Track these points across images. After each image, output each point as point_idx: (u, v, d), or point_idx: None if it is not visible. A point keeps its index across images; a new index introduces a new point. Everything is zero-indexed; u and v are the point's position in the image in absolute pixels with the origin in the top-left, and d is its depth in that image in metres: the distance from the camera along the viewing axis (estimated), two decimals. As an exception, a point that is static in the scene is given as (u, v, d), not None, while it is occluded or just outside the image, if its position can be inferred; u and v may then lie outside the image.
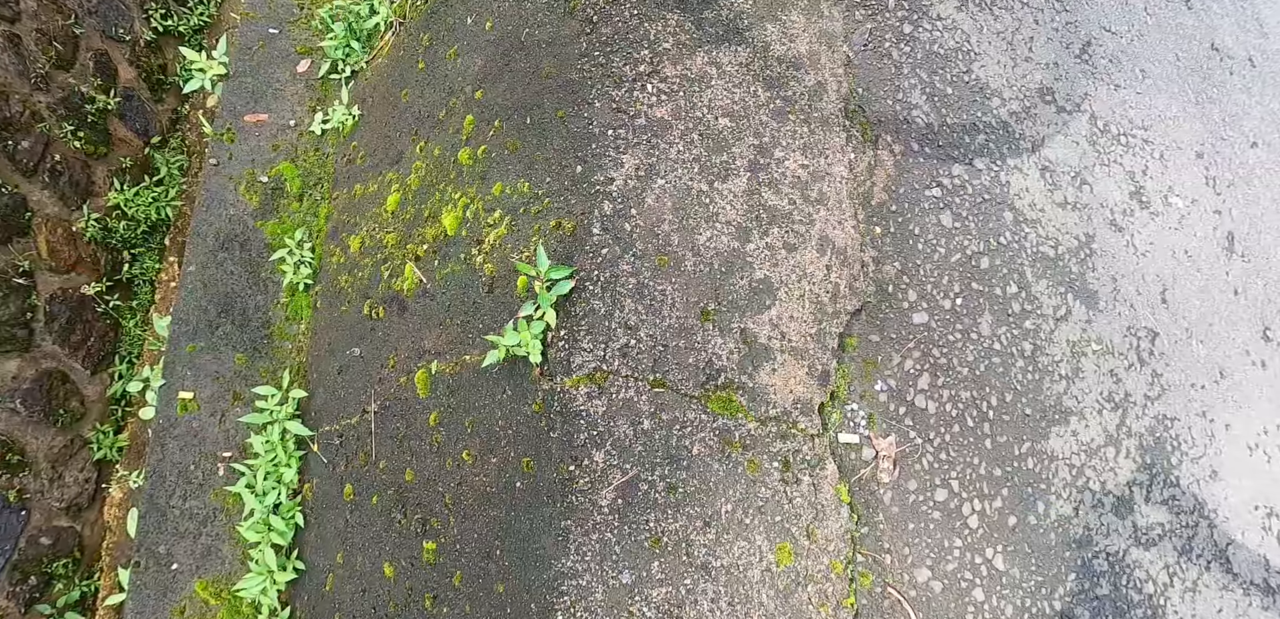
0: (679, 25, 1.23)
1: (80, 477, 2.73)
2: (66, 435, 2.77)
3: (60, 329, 2.85)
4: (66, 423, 2.74)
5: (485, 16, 1.47)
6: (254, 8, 2.11)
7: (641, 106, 1.17)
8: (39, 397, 2.62)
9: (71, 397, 2.82)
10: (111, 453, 2.84)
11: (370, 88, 1.85)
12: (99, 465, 2.75)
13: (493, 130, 1.34)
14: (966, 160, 1.31)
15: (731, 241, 1.12)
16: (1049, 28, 1.52)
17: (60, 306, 2.84)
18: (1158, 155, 1.54)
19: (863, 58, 1.32)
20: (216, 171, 1.95)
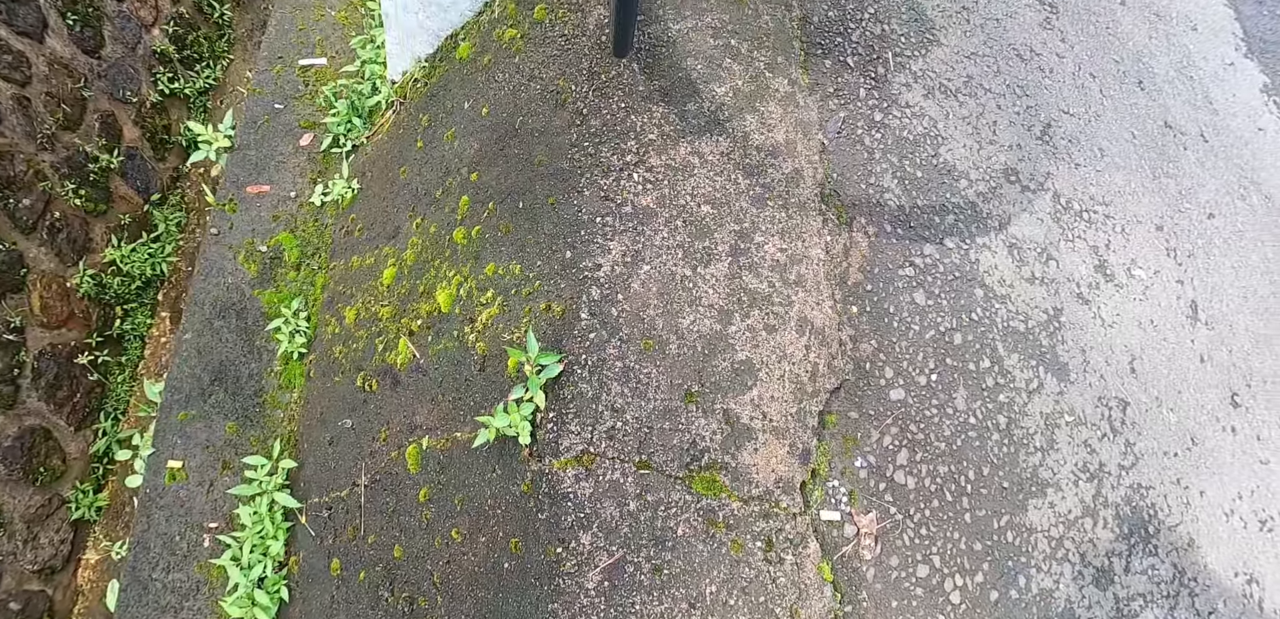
0: (664, 118, 1.31)
1: (56, 538, 2.69)
2: (45, 494, 2.74)
3: (47, 386, 2.84)
4: (46, 481, 2.71)
5: (482, 103, 1.55)
6: (261, 84, 2.20)
7: (628, 195, 1.23)
8: (20, 454, 2.60)
9: (53, 454, 2.80)
10: (90, 513, 2.80)
11: (370, 162, 1.93)
12: (76, 526, 2.71)
13: (487, 212, 1.40)
14: (937, 240, 1.38)
15: (714, 324, 1.17)
16: (1011, 112, 1.63)
17: (48, 362, 2.84)
18: (1119, 229, 1.62)
19: (837, 144, 1.41)
20: (217, 241, 2.00)
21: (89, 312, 3.07)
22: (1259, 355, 1.68)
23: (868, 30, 1.58)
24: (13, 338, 2.66)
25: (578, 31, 1.43)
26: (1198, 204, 1.79)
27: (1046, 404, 1.35)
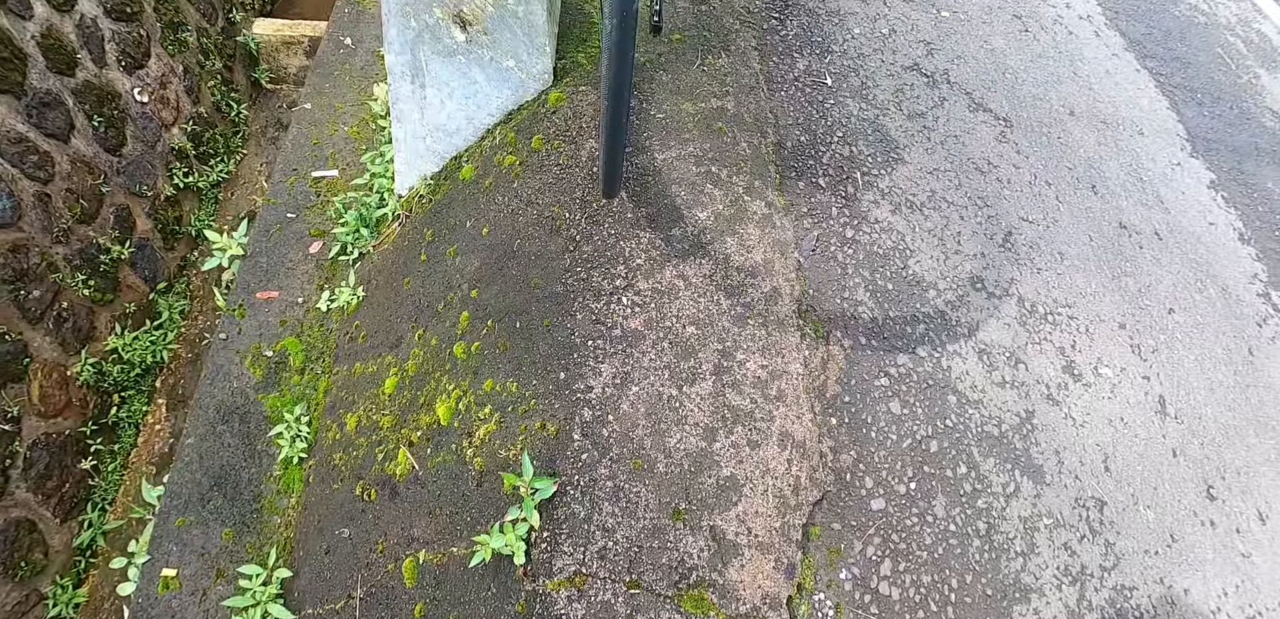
0: (650, 243, 1.42)
1: (30, 638, 2.62)
2: (23, 590, 2.69)
3: (37, 476, 2.84)
4: (26, 576, 2.66)
5: (483, 223, 1.67)
6: (276, 194, 2.34)
7: (618, 318, 1.33)
8: (2, 548, 2.56)
9: (36, 547, 2.76)
10: (67, 610, 2.74)
11: (375, 271, 2.04)
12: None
13: (486, 328, 1.49)
14: (910, 350, 1.46)
15: (700, 442, 1.23)
16: (973, 222, 1.75)
17: (41, 452, 2.85)
18: (1084, 330, 1.72)
19: (812, 262, 1.52)
20: (225, 345, 2.07)
21: (86, 399, 3.10)
22: (1230, 447, 1.74)
23: (837, 152, 1.73)
24: (8, 428, 2.68)
25: (571, 162, 1.57)
26: (1157, 300, 1.90)
27: (1024, 508, 1.40)
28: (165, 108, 3.78)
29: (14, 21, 2.81)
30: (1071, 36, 2.53)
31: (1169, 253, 2.02)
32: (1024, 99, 2.15)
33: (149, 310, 3.50)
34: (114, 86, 3.39)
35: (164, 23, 3.77)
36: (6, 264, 2.73)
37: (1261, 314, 2.04)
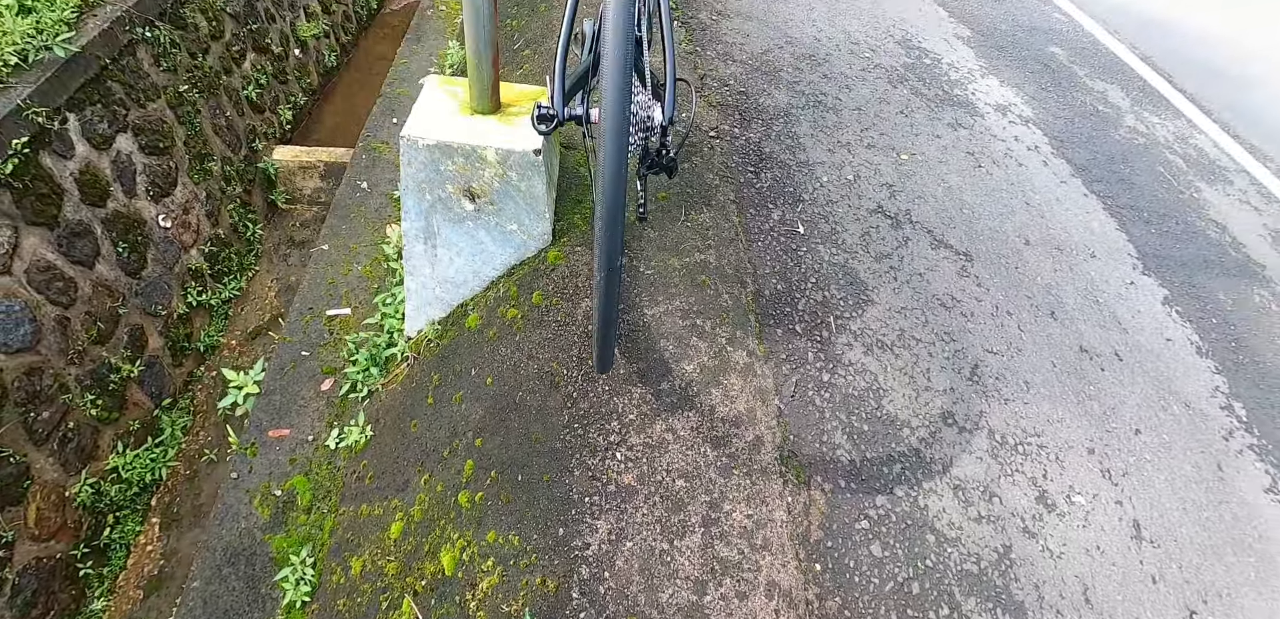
0: (642, 398, 1.55)
1: None
2: None
3: (22, 604, 2.80)
4: None
5: (487, 372, 1.80)
6: (291, 332, 2.50)
7: (613, 474, 1.43)
8: None
9: (16, 685, 2.67)
10: None
11: (384, 410, 2.15)
12: None
13: (489, 479, 1.59)
14: (887, 490, 1.56)
15: (691, 596, 1.30)
16: (941, 357, 1.90)
17: (29, 577, 2.82)
18: (1054, 458, 1.82)
19: (792, 408, 1.64)
20: (235, 485, 2.15)
21: (81, 521, 3.09)
22: (1210, 568, 1.80)
23: (811, 297, 1.90)
24: (1, 553, 2.67)
25: (568, 320, 1.72)
26: (1124, 422, 2.01)
27: (1008, 648, 1.44)
28: (186, 231, 3.96)
29: (56, 160, 3.01)
30: (1021, 168, 2.79)
31: (1130, 373, 2.16)
32: (982, 232, 2.36)
33: (151, 427, 3.54)
34: (141, 214, 3.56)
35: (192, 154, 4.03)
36: (21, 387, 2.80)
37: (1226, 427, 2.15)
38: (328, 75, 5.89)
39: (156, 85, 3.68)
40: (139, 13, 3.45)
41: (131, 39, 3.42)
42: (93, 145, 3.18)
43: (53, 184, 2.91)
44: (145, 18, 3.53)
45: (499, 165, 1.79)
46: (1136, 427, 2.02)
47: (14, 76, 2.75)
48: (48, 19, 2.94)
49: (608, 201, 1.04)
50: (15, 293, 2.75)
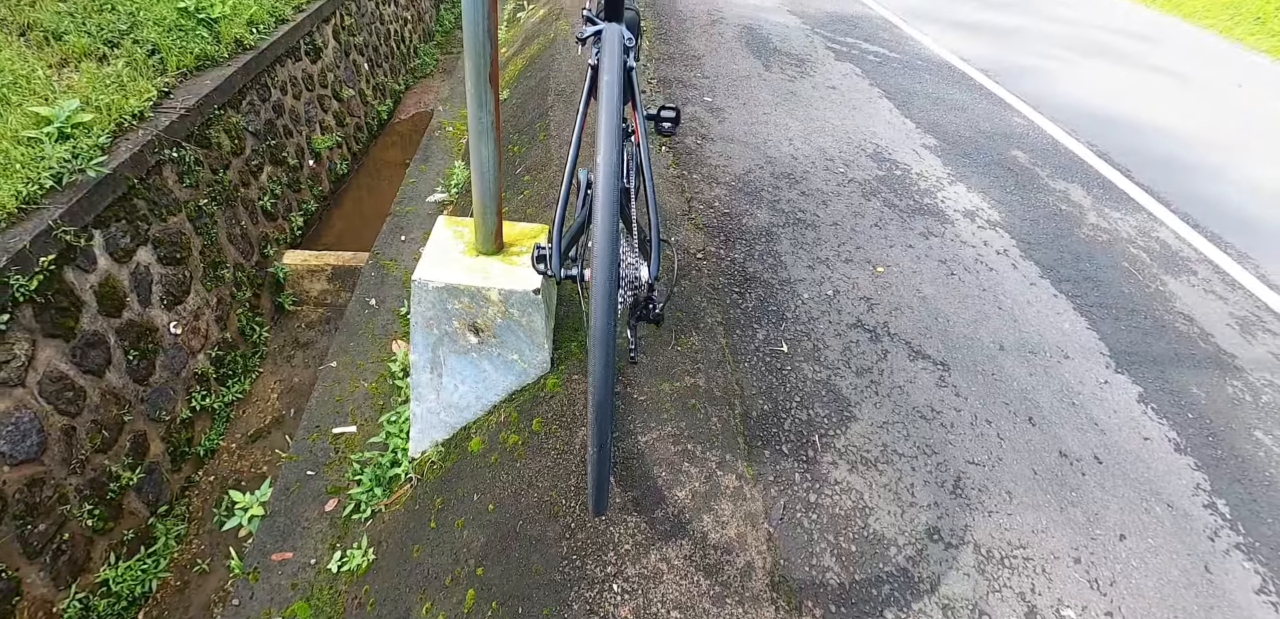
0: (636, 527, 1.62)
1: None
2: None
3: None
4: None
5: (488, 499, 1.88)
6: (298, 451, 2.58)
7: (609, 607, 1.48)
8: None
9: None
10: None
11: (386, 531, 2.20)
12: None
13: (490, 610, 1.63)
14: (877, 613, 1.60)
15: (688, 738, 1.33)
16: (924, 471, 1.98)
17: None
18: (1041, 570, 1.87)
19: (781, 531, 1.71)
20: (237, 612, 2.16)
21: None
22: (1207, 679, 1.81)
23: (797, 416, 2.00)
24: None
25: (566, 447, 1.82)
26: (1108, 528, 2.07)
27: None
28: (195, 337, 3.98)
29: (78, 275, 3.07)
30: (992, 273, 2.97)
31: (1111, 476, 2.23)
32: (957, 340, 2.50)
33: (145, 535, 3.46)
34: (153, 323, 3.60)
35: (206, 263, 4.13)
36: (20, 499, 2.76)
37: (1211, 527, 2.20)
38: (338, 181, 6.20)
39: (179, 200, 3.83)
40: (168, 136, 3.67)
41: (159, 160, 3.60)
42: (114, 258, 3.29)
43: (73, 297, 3.00)
44: (174, 140, 3.74)
45: (501, 303, 1.94)
46: (1121, 531, 2.07)
47: (47, 197, 2.90)
48: (84, 144, 3.13)
49: (597, 373, 1.15)
50: (26, 404, 2.80)
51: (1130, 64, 7.42)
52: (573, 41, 4.86)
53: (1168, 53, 8.48)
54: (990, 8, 8.67)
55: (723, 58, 4.95)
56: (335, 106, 6.30)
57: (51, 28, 3.68)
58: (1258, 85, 8.21)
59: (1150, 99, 6.26)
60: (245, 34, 4.70)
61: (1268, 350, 2.95)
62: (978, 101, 5.03)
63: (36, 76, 3.32)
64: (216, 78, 4.22)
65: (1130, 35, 9.11)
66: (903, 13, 7.16)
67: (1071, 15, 9.44)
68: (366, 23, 7.22)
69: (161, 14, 4.18)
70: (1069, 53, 7.20)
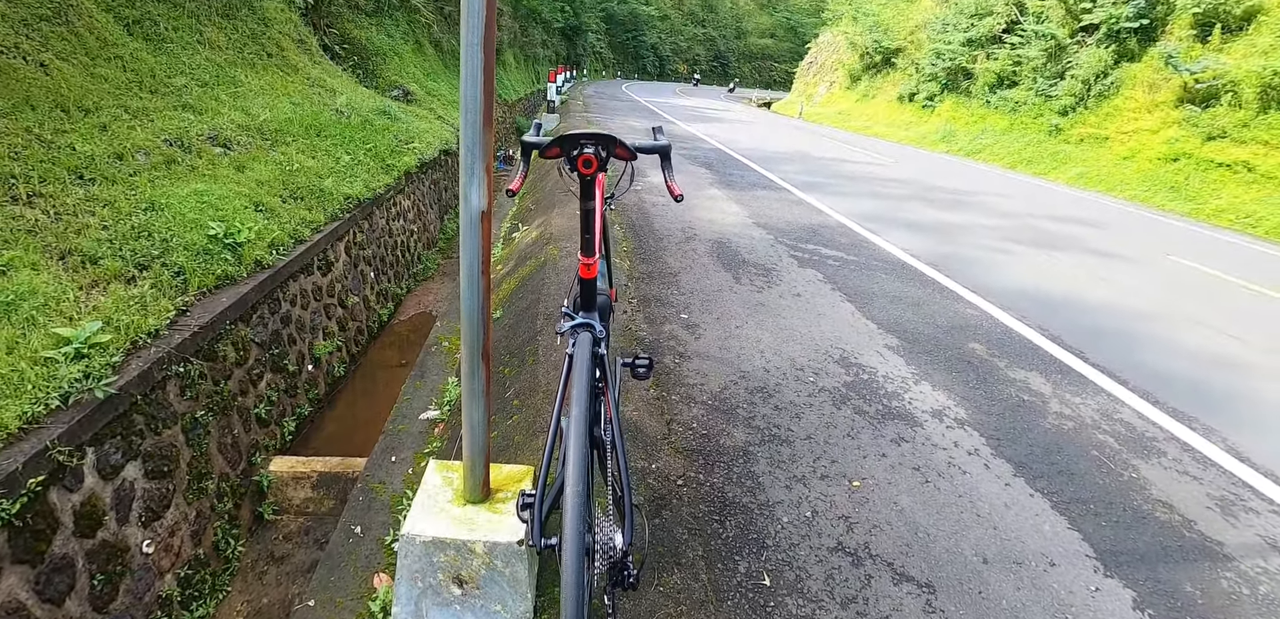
0: None
1: None
2: None
3: None
4: None
5: None
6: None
7: None
8: None
9: None
10: None
11: None
12: None
13: None
14: None
15: None
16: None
17: None
18: None
19: None
20: None
21: None
22: None
23: (783, 662, 1.96)
24: None
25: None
26: None
27: None
28: (167, 555, 3.66)
29: (62, 495, 2.88)
30: (966, 476, 3.07)
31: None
32: (940, 557, 2.52)
33: None
34: (127, 541, 3.33)
35: (192, 475, 3.91)
36: None
37: None
38: (335, 383, 6.35)
39: (176, 413, 3.78)
40: (178, 352, 3.74)
41: (165, 375, 3.62)
42: (102, 476, 3.15)
43: (52, 519, 2.84)
44: (183, 355, 3.81)
45: (486, 555, 2.01)
46: None
47: (50, 416, 2.86)
48: (97, 364, 3.17)
49: None
50: (-28, 641, 2.51)
51: (1068, 247, 8.23)
52: (562, 264, 5.44)
53: (1101, 233, 9.45)
54: (936, 206, 9.81)
55: (697, 273, 5.51)
56: (340, 313, 6.69)
57: (90, 252, 3.94)
58: (1184, 251, 9.05)
59: (1092, 278, 6.87)
60: (265, 255, 5.05)
61: (1254, 534, 2.96)
62: (932, 297, 5.52)
63: (67, 298, 3.47)
64: (233, 296, 4.44)
65: (1065, 219, 10.21)
66: (858, 218, 8.09)
67: (1011, 208, 10.64)
68: (376, 237, 7.96)
69: (192, 239, 4.53)
70: (1012, 243, 8.02)
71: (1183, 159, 15.57)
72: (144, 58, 6.60)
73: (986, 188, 12.78)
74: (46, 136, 4.72)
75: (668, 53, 70.47)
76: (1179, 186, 15.01)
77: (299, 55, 9.93)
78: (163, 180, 5.16)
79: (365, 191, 7.40)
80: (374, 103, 10.52)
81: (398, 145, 9.46)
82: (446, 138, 11.72)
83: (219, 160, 6.01)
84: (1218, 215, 13.66)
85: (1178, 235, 10.50)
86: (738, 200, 8.41)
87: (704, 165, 10.95)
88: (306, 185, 6.49)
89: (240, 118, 7.03)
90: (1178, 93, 16.51)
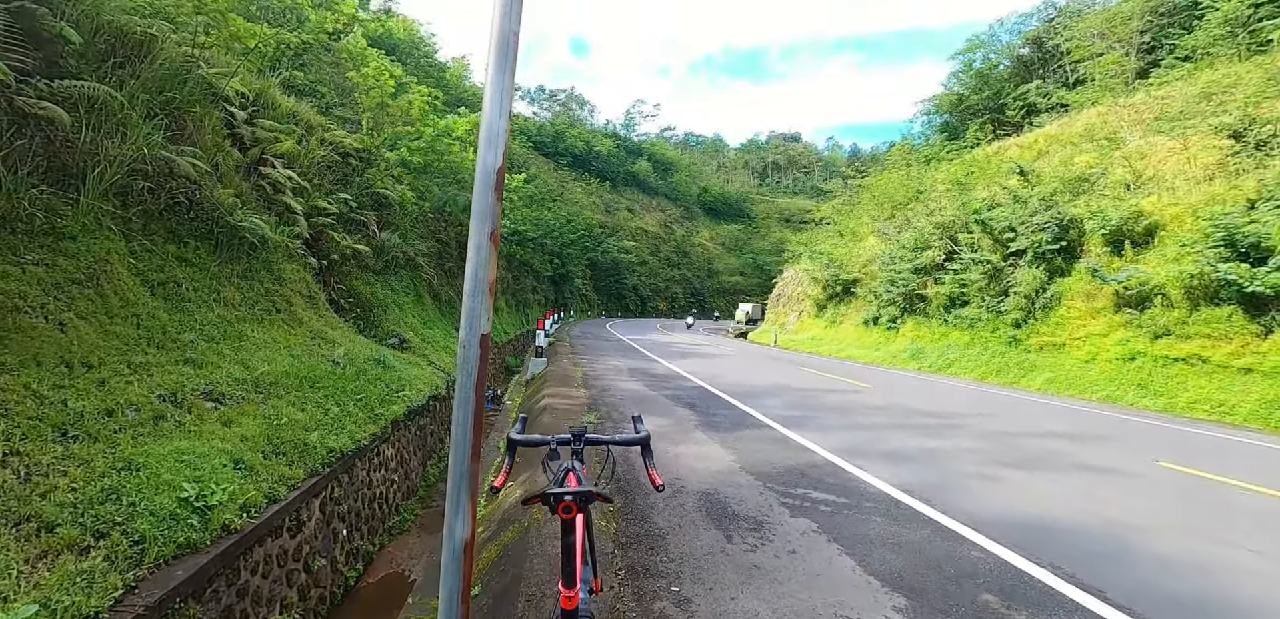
0: None
1: None
2: None
3: None
4: None
5: None
6: None
7: None
8: None
9: None
10: None
11: None
12: None
13: None
14: None
15: None
16: None
17: None
18: None
19: None
20: None
21: None
22: None
23: None
24: None
25: None
26: None
27: None
28: None
29: None
30: None
31: None
32: None
33: None
34: None
35: None
36: None
37: None
38: None
39: None
40: None
41: None
42: None
43: None
44: None
45: None
46: None
47: None
48: None
49: None
50: None
51: (1057, 465, 8.20)
52: (546, 529, 5.20)
53: (1086, 445, 9.49)
54: (919, 432, 9.93)
55: (686, 533, 5.30)
56: (303, 579, 6.07)
57: (50, 518, 3.68)
58: (1172, 455, 9.02)
59: (1090, 499, 6.71)
60: (235, 518, 4.78)
61: None
62: (933, 540, 5.30)
63: (9, 574, 3.23)
64: (191, 567, 4.08)
65: (1046, 434, 10.32)
66: (845, 453, 8.10)
67: (991, 427, 10.81)
68: (355, 489, 7.58)
69: (161, 504, 4.26)
70: (1000, 466, 7.98)
71: (1139, 357, 16.47)
72: (159, 315, 6.97)
73: (963, 407, 13.13)
74: (43, 392, 4.77)
75: (648, 292, 77.18)
76: (1145, 383, 15.62)
77: (306, 310, 10.60)
78: (147, 437, 5.10)
79: (350, 444, 7.33)
80: (370, 352, 10.97)
81: (388, 393, 9.64)
82: (437, 383, 12.05)
83: (208, 416, 6.02)
84: (1192, 408, 13.99)
85: (1161, 438, 10.59)
86: (723, 442, 8.47)
87: (688, 405, 11.23)
88: (291, 440, 6.44)
89: (239, 371, 7.22)
90: (1112, 299, 18.15)
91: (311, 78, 19.64)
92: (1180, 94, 25.07)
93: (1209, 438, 10.89)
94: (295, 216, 11.53)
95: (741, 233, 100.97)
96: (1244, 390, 13.65)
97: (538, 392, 12.55)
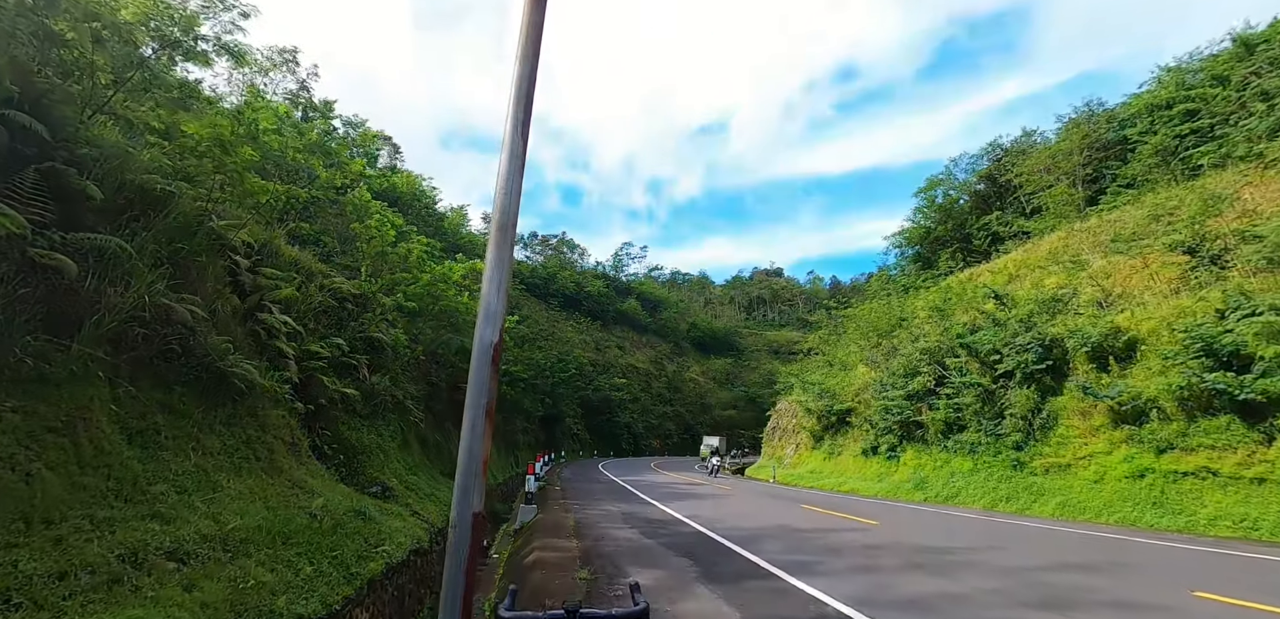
0: None
1: None
2: None
3: None
4: None
5: None
6: None
7: None
8: None
9: None
10: None
11: None
12: None
13: None
14: None
15: None
16: None
17: None
18: None
19: None
20: None
21: None
22: None
23: None
24: None
25: None
26: None
27: None
28: None
29: None
30: None
31: None
32: None
33: None
34: None
35: None
36: None
37: None
38: None
39: None
40: None
41: None
42: None
43: None
44: None
45: None
46: None
47: None
48: None
49: None
50: None
51: (1085, 605, 7.63)
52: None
53: (1113, 578, 8.92)
54: (933, 572, 9.31)
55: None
56: None
57: None
58: (1203, 582, 8.45)
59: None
60: None
61: None
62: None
63: None
64: None
65: (1068, 567, 9.73)
66: (857, 603, 7.44)
67: (1008, 562, 10.19)
68: None
69: None
70: (1025, 609, 7.41)
71: (1148, 473, 15.99)
72: (132, 465, 6.55)
73: (976, 541, 12.47)
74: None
75: (641, 430, 75.38)
76: (1160, 501, 15.03)
77: (287, 457, 10.08)
78: (98, 605, 4.55)
79: (320, 609, 6.64)
80: (350, 503, 10.31)
81: (366, 549, 8.92)
82: (419, 536, 11.25)
83: (169, 578, 5.46)
84: (1213, 526, 13.38)
85: (1187, 563, 10.01)
86: (727, 597, 7.83)
87: (686, 555, 10.53)
88: (256, 606, 5.82)
89: (208, 526, 6.69)
90: (1108, 415, 18.01)
91: (316, 228, 20.56)
92: (1130, 217, 26.89)
93: (1237, 558, 10.33)
94: (287, 361, 11.48)
95: (732, 366, 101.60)
96: (1263, 503, 13.19)
97: (527, 542, 11.78)
